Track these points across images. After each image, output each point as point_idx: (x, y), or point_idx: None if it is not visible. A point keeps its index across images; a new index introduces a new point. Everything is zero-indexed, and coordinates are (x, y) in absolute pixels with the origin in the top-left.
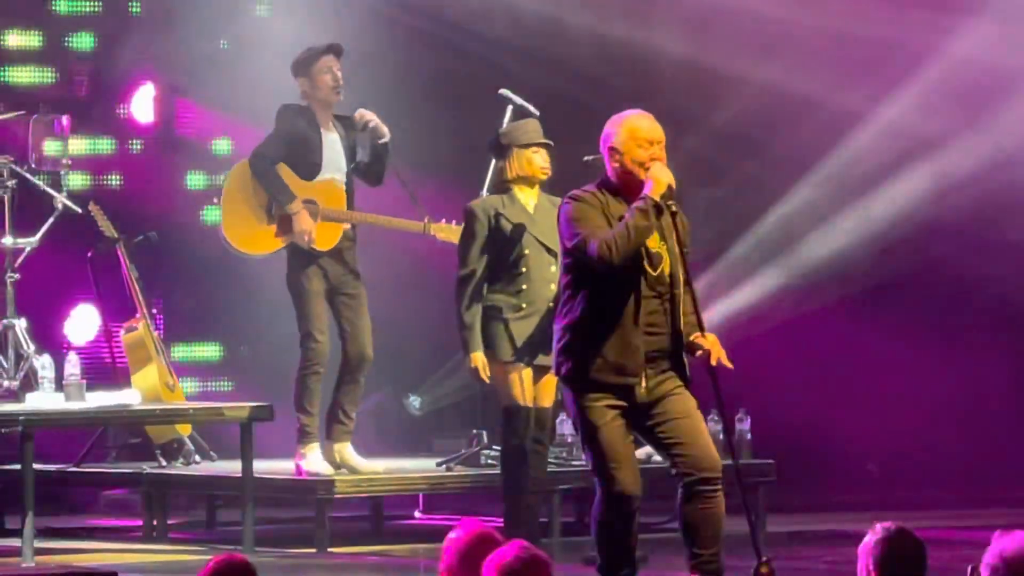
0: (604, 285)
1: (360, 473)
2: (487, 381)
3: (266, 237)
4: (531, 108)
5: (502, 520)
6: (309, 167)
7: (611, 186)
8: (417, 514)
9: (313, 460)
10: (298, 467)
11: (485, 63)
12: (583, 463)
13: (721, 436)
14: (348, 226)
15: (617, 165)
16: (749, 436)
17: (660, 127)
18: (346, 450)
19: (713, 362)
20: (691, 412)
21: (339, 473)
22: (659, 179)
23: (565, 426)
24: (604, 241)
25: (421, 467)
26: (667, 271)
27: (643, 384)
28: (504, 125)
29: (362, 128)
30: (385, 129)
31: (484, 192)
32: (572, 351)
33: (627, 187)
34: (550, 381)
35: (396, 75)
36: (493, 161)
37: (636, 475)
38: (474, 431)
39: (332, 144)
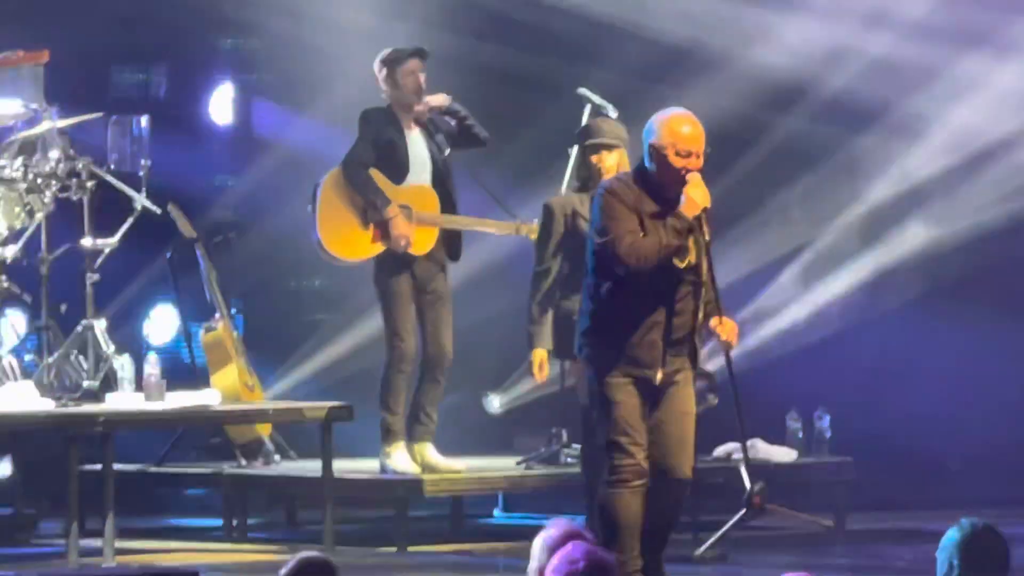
0: (629, 281)
1: (441, 472)
2: (539, 380)
3: (363, 242)
4: (609, 107)
5: (583, 518)
6: (397, 169)
7: (646, 177)
8: (497, 513)
9: (398, 459)
10: (383, 466)
11: (561, 59)
12: None
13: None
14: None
15: (654, 164)
16: (828, 434)
17: (702, 133)
18: (427, 450)
19: (732, 343)
20: (685, 411)
21: (421, 472)
22: (695, 200)
23: None
24: (632, 248)
25: (501, 466)
26: (693, 261)
27: (659, 376)
28: (583, 125)
29: (429, 115)
30: (439, 98)
31: (563, 188)
32: (593, 338)
33: (661, 183)
34: None
35: (472, 72)
36: (572, 157)
37: (643, 455)
38: (553, 429)
39: (416, 143)
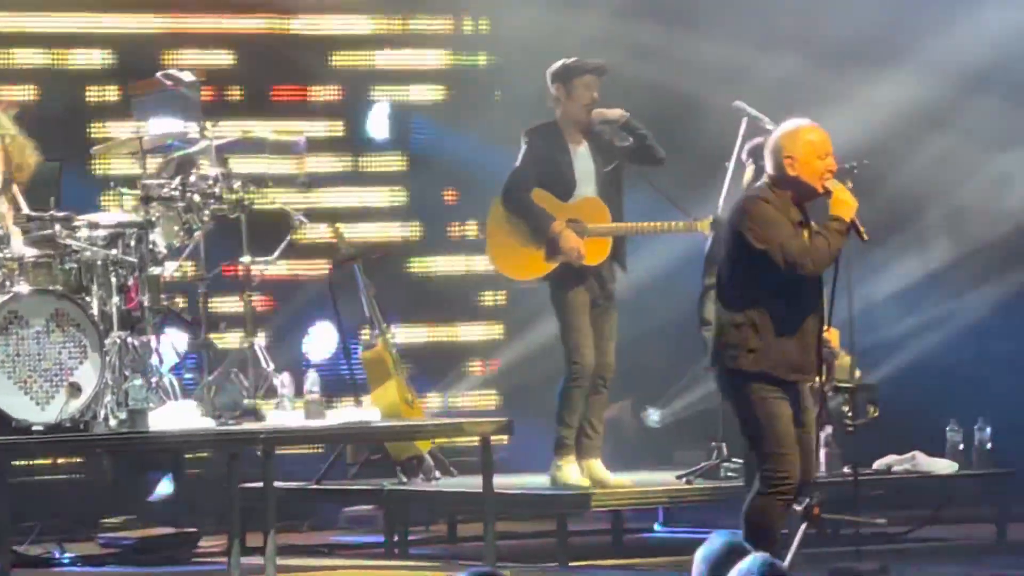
0: (789, 287)
1: (610, 487)
2: None
3: (536, 261)
4: (766, 120)
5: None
6: (564, 184)
7: (782, 187)
8: (657, 527)
9: (570, 472)
10: (553, 478)
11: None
12: (833, 477)
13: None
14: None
15: (793, 173)
16: (989, 445)
17: (829, 138)
18: (595, 465)
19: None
20: (809, 426)
21: (591, 487)
22: (848, 202)
23: None
24: (805, 251)
25: (661, 480)
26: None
27: (818, 380)
28: (739, 138)
29: (601, 126)
30: (616, 112)
31: (721, 202)
32: (747, 347)
33: (798, 191)
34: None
35: (631, 88)
36: (729, 171)
37: (798, 466)
38: (713, 443)
39: (582, 156)
